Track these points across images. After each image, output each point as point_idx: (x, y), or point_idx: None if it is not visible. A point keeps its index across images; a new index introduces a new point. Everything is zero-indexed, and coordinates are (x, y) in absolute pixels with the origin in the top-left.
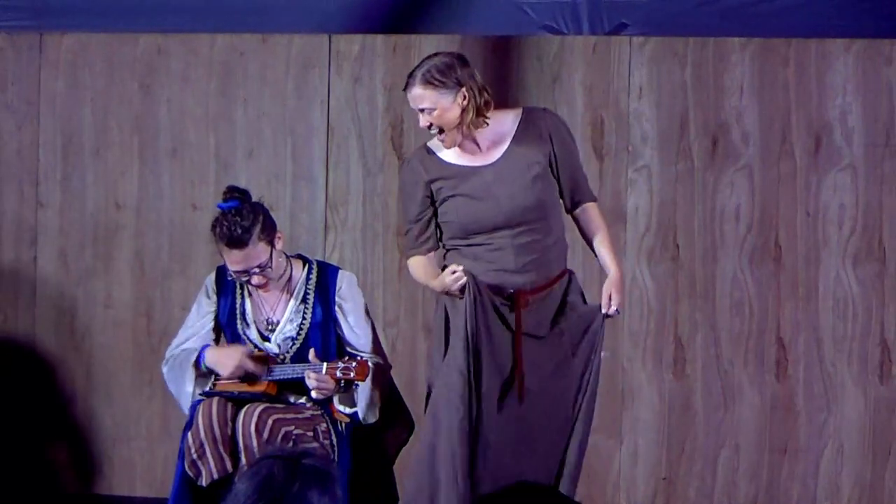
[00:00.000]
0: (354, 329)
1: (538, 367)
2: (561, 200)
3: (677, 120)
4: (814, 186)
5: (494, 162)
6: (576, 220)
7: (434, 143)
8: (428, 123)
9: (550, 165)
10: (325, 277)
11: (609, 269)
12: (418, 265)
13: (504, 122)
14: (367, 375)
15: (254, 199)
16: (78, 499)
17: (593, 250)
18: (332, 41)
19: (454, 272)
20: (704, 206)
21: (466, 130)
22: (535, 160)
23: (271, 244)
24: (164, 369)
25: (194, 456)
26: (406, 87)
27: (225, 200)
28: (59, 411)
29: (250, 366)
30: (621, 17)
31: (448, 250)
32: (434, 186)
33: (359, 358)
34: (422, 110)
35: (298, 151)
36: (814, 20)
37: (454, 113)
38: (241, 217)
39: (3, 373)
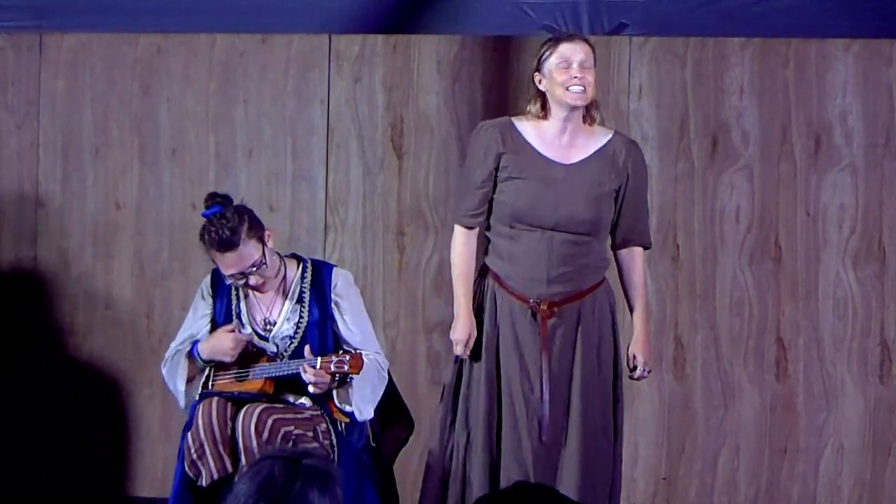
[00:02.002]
0: (350, 326)
1: (566, 378)
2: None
3: (677, 120)
4: (814, 186)
5: (571, 164)
6: (618, 259)
7: (519, 119)
8: (582, 75)
9: (617, 193)
10: (320, 276)
11: (636, 329)
12: (462, 238)
13: (593, 133)
14: (360, 368)
15: (245, 201)
16: (77, 499)
17: (627, 296)
18: (332, 41)
19: (466, 341)
20: (704, 206)
21: (581, 113)
22: (607, 181)
23: (262, 241)
24: (163, 371)
25: (194, 456)
26: (563, 41)
27: (207, 207)
28: (59, 411)
29: (245, 338)
30: (621, 17)
31: (488, 240)
32: (504, 161)
33: (353, 352)
34: (581, 63)
35: (298, 151)
36: (814, 20)
37: (593, 86)
38: (227, 220)
39: (3, 373)
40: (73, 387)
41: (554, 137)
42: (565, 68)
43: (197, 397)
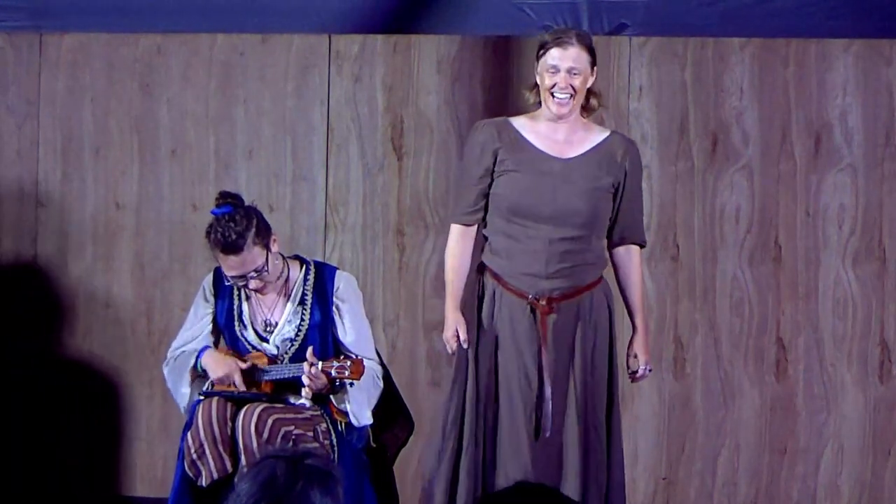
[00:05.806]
0: (348, 329)
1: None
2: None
3: (677, 120)
4: (814, 186)
5: (568, 159)
6: (615, 258)
7: (515, 118)
8: (567, 84)
9: (616, 192)
10: (323, 278)
11: (636, 326)
12: (457, 236)
13: (591, 131)
14: (361, 374)
15: (249, 201)
16: (78, 499)
17: (624, 295)
18: (332, 41)
19: (455, 337)
20: (704, 206)
21: (577, 111)
22: (604, 177)
23: (266, 248)
24: (165, 371)
25: (194, 456)
26: (553, 45)
27: (218, 206)
28: (59, 411)
29: (237, 380)
30: (621, 17)
31: (485, 238)
32: (500, 155)
33: (354, 357)
34: (569, 71)
35: (298, 151)
36: (814, 20)
37: (587, 85)
38: (235, 223)
39: (3, 373)
40: (72, 387)
41: (549, 133)
42: (553, 73)
43: (201, 397)
